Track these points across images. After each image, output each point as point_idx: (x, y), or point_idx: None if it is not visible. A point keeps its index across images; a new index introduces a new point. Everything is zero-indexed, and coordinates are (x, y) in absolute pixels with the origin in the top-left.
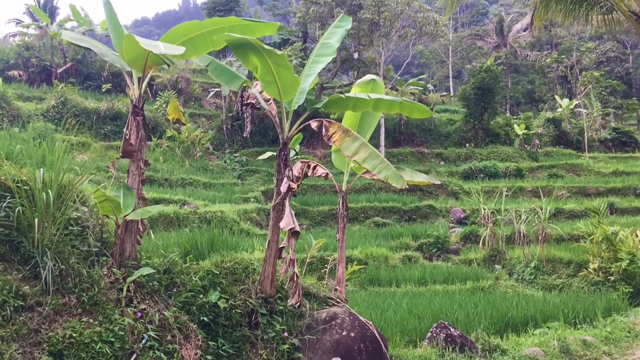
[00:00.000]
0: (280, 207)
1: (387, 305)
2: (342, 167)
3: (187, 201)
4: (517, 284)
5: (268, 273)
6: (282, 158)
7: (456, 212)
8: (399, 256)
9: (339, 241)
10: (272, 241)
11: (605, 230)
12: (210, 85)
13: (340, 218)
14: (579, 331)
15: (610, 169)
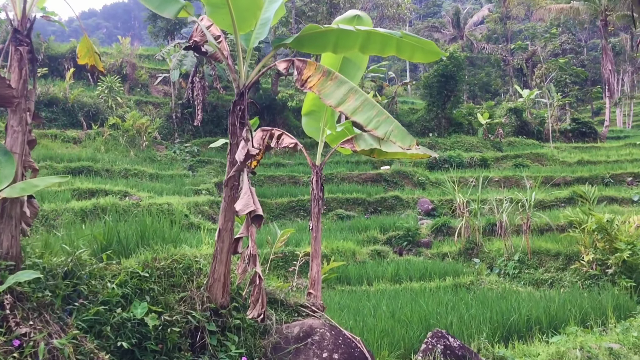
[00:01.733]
0: (236, 182)
1: (364, 308)
2: (316, 135)
3: (129, 193)
4: (500, 280)
5: (219, 274)
6: (238, 115)
7: (424, 203)
8: (367, 250)
9: (312, 231)
10: (225, 230)
11: (600, 219)
12: (158, 71)
13: (314, 201)
14: (599, 337)
15: (574, 158)
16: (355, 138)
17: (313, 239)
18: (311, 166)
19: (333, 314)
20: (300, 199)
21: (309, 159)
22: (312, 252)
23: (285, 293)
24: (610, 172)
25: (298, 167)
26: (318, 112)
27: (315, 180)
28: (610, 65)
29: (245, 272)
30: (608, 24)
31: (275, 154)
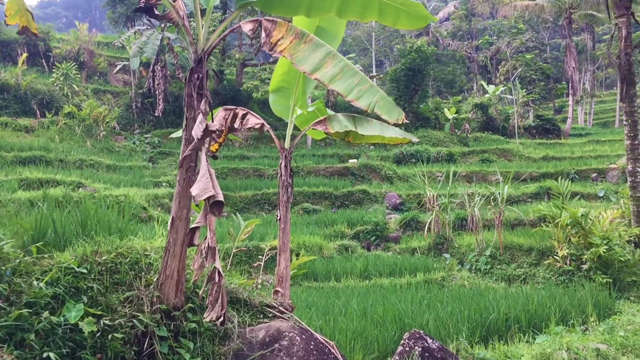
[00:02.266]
0: (192, 163)
1: (333, 307)
2: (285, 114)
3: (83, 184)
4: (472, 275)
5: (172, 270)
6: (195, 84)
7: (392, 197)
8: (335, 245)
9: (280, 221)
10: (179, 219)
11: (575, 213)
12: (117, 59)
13: (283, 187)
14: (584, 337)
15: (539, 154)
16: (329, 119)
17: (281, 230)
18: (279, 150)
19: (301, 313)
20: (265, 192)
21: (277, 142)
22: (280, 245)
23: (249, 291)
24: (575, 168)
25: (263, 160)
26: (287, 88)
27: (284, 165)
28: (573, 63)
29: (203, 267)
30: (572, 22)
31: (239, 146)
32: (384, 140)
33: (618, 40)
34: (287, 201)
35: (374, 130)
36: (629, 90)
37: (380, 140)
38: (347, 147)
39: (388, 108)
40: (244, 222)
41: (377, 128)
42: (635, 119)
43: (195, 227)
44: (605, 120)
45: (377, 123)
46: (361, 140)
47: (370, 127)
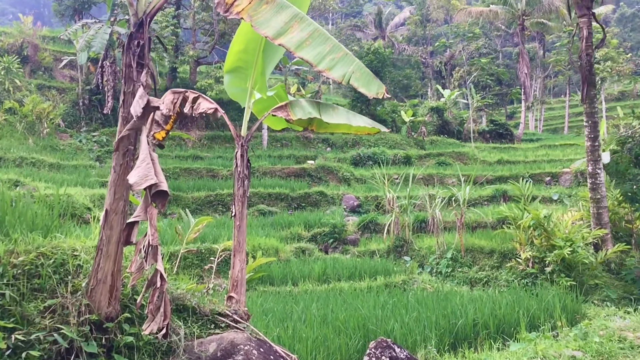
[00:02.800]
0: (130, 146)
1: (292, 313)
2: (241, 98)
3: (21, 182)
4: (433, 279)
5: (105, 273)
6: (135, 52)
7: (349, 199)
8: (292, 248)
9: (235, 218)
10: (114, 212)
11: (537, 215)
12: (64, 54)
13: (239, 180)
14: (557, 344)
15: (494, 158)
16: (291, 105)
17: (236, 228)
18: (235, 137)
19: (257, 320)
20: (219, 193)
21: (232, 129)
22: (235, 245)
23: (199, 298)
24: (529, 172)
25: (217, 160)
26: (245, 68)
27: (240, 155)
28: (526, 69)
29: (143, 270)
30: (525, 29)
31: (192, 145)
32: (351, 130)
33: (579, 41)
34: (243, 195)
35: (340, 118)
36: (590, 91)
37: (346, 129)
38: (303, 148)
39: (366, 80)
40: (193, 219)
41: (343, 116)
42: (595, 120)
43: (132, 222)
44: (555, 127)
45: (343, 111)
46: (326, 129)
47: (336, 115)
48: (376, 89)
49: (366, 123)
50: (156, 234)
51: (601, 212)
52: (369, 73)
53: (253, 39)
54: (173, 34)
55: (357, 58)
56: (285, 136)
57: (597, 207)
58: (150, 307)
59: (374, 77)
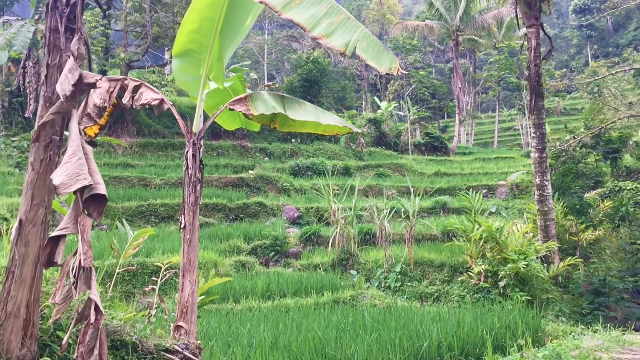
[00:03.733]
0: (55, 135)
1: (238, 336)
2: (192, 88)
3: None
4: (383, 294)
5: (17, 304)
6: (63, 13)
7: (289, 210)
8: (231, 262)
9: (185, 231)
10: (31, 223)
11: (489, 227)
12: None
13: (189, 185)
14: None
15: (432, 170)
16: (251, 98)
17: (186, 242)
18: (185, 135)
19: None
20: (151, 203)
21: (182, 125)
22: (185, 263)
23: (141, 329)
24: (466, 184)
25: (150, 169)
26: (198, 52)
27: (192, 155)
28: (460, 83)
29: (70, 300)
30: (459, 44)
31: (123, 153)
32: (318, 130)
33: (527, 52)
34: (195, 203)
35: (307, 115)
36: (538, 102)
37: (313, 128)
38: (240, 158)
39: (375, 51)
40: (132, 231)
41: (311, 113)
42: (543, 131)
43: (57, 237)
44: (485, 141)
45: (310, 107)
46: (290, 127)
47: (302, 111)
48: (389, 63)
49: (336, 122)
50: (90, 253)
51: (548, 224)
52: (378, 43)
53: (208, 17)
54: (103, 34)
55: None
56: (222, 145)
57: (544, 219)
58: (81, 349)
59: (384, 48)
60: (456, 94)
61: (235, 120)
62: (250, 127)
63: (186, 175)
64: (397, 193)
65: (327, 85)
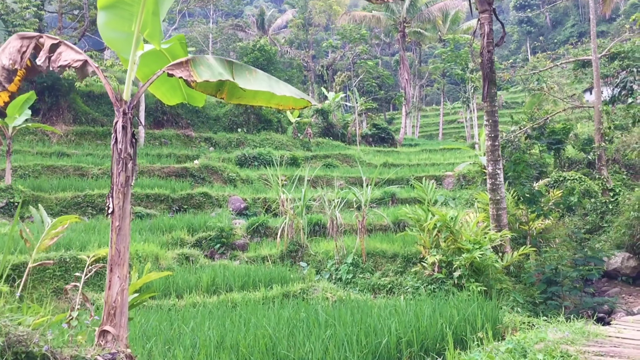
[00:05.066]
0: None
1: (180, 335)
2: (123, 47)
3: None
4: (334, 286)
5: None
6: None
7: (235, 201)
8: (174, 254)
9: (114, 218)
10: None
11: (444, 216)
12: None
13: (119, 162)
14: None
15: (379, 161)
16: (193, 62)
17: (115, 230)
18: (114, 103)
19: (136, 347)
20: (88, 193)
21: (111, 92)
22: (113, 255)
23: (54, 338)
24: (414, 175)
25: (87, 158)
26: (129, 3)
27: (122, 127)
28: (406, 75)
29: None
30: (405, 35)
31: (57, 141)
32: (272, 103)
33: (480, 38)
34: (125, 184)
35: (260, 84)
36: (491, 89)
37: (265, 101)
38: (184, 147)
39: None
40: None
41: (264, 82)
42: (495, 119)
43: None
44: (430, 133)
45: (263, 75)
46: (240, 98)
47: (254, 80)
48: None
49: (292, 93)
50: None
51: (500, 213)
52: None
53: None
54: (36, 16)
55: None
56: (165, 134)
57: (496, 208)
58: None
59: None
60: (403, 85)
61: (176, 94)
62: (193, 102)
63: (115, 151)
64: (345, 184)
65: (274, 74)
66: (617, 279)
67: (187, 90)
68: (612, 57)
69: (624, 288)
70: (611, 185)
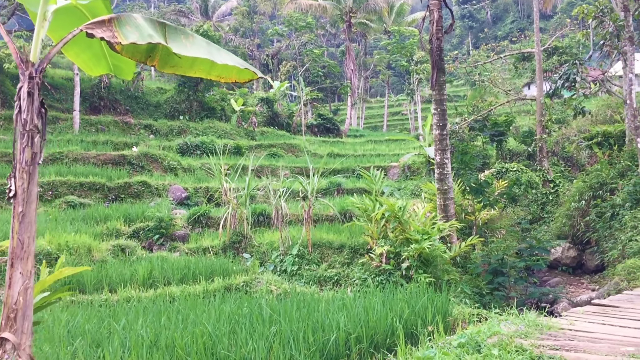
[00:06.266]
0: None
1: (110, 334)
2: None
3: None
4: (279, 279)
5: None
6: None
7: (176, 190)
8: (108, 246)
9: (16, 202)
10: None
11: (392, 205)
12: None
13: (24, 136)
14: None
15: (325, 151)
16: (118, 22)
17: (17, 217)
18: (19, 65)
19: (59, 349)
20: None
21: (14, 52)
22: (14, 247)
23: None
24: (360, 165)
25: None
26: None
27: (28, 93)
28: (352, 65)
29: None
30: (352, 25)
31: None
32: (212, 74)
33: (430, 24)
34: (32, 162)
35: (198, 50)
36: (439, 77)
37: (205, 72)
38: (122, 134)
39: None
40: None
41: (202, 48)
42: (444, 107)
43: None
44: (375, 125)
45: (201, 40)
46: (175, 67)
47: (191, 46)
48: None
49: (235, 62)
50: None
51: (448, 203)
52: None
53: None
54: None
55: None
56: (102, 120)
57: (444, 198)
58: None
59: None
60: (348, 76)
61: (100, 63)
62: (120, 74)
63: (18, 122)
64: (291, 173)
65: None
66: (558, 268)
67: (114, 60)
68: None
69: (564, 278)
70: (551, 177)
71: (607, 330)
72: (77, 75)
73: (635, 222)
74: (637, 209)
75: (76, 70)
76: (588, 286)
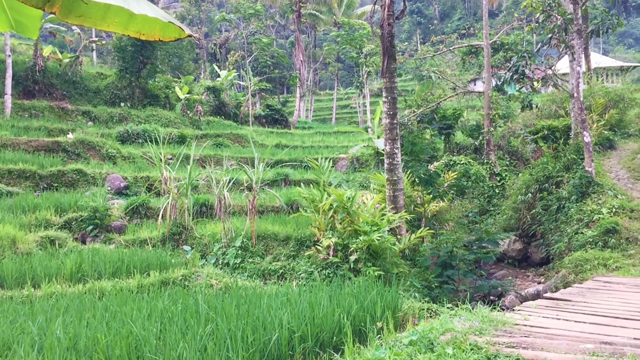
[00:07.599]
0: None
1: (22, 334)
2: None
3: None
4: (220, 272)
5: None
6: None
7: (115, 179)
8: (36, 237)
9: None
10: None
11: (341, 195)
12: None
13: None
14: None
15: (272, 141)
16: None
17: None
18: None
19: None
20: None
21: None
22: None
23: None
24: (308, 157)
25: None
26: None
27: None
28: (302, 56)
29: None
30: (301, 15)
31: None
32: (130, 29)
33: (381, 9)
34: None
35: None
36: (390, 64)
37: (121, 26)
38: (58, 121)
39: None
40: None
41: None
42: (394, 96)
43: None
44: (323, 117)
45: None
46: (82, 17)
47: None
48: None
49: (157, 14)
50: None
51: (397, 194)
52: None
53: None
54: None
55: None
56: (35, 105)
57: (393, 189)
58: None
59: None
60: (298, 67)
61: None
62: (24, 32)
63: None
64: (237, 164)
65: (163, 48)
66: (504, 261)
67: (14, 14)
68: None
69: (510, 270)
70: (498, 170)
71: (563, 325)
72: (9, 57)
73: (581, 215)
74: (583, 202)
75: (8, 52)
76: (534, 279)
